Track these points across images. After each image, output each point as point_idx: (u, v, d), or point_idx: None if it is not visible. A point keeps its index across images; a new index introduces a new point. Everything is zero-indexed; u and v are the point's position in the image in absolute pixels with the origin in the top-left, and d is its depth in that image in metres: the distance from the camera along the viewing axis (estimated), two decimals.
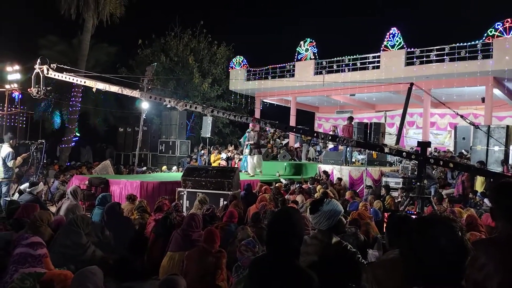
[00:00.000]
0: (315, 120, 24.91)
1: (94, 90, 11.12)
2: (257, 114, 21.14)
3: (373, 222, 5.94)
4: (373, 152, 13.16)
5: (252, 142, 12.57)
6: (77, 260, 3.30)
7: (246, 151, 12.83)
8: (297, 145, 18.43)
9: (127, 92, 10.63)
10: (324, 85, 17.91)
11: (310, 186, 11.06)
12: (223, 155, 16.51)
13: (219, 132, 24.15)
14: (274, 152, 17.28)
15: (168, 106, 10.41)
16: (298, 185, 10.74)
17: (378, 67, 16.97)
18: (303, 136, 15.28)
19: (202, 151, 17.03)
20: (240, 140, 13.43)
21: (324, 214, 2.72)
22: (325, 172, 13.13)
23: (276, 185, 10.48)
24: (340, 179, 12.63)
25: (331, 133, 14.17)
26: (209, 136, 12.09)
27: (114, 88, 10.77)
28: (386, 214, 4.78)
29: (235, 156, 16.44)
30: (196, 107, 9.87)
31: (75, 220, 3.35)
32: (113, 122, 24.03)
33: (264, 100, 22.53)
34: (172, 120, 18.85)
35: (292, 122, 19.70)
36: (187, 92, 22.67)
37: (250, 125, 12.16)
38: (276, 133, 20.36)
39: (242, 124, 22.15)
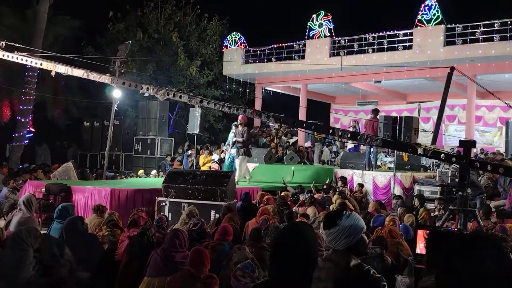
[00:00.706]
0: (330, 113, 24.99)
1: (53, 74, 11.22)
2: (258, 105, 21.19)
3: (403, 241, 5.97)
4: (404, 153, 13.18)
5: (240, 139, 12.27)
6: (9, 283, 3.26)
7: (233, 150, 12.76)
8: (308, 144, 18.51)
9: (94, 77, 10.68)
10: (342, 69, 17.94)
11: (324, 195, 11.15)
12: (215, 157, 16.51)
13: (210, 127, 24.19)
14: (279, 153, 17.45)
15: (146, 94, 10.46)
16: (309, 194, 10.87)
17: (410, 47, 17.02)
18: (315, 133, 15.19)
19: (189, 152, 17.09)
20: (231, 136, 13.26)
21: (342, 230, 2.73)
22: (342, 178, 13.23)
23: (282, 194, 10.65)
24: (361, 186, 12.68)
25: (350, 129, 14.22)
26: (197, 132, 12.16)
27: (78, 72, 10.80)
28: (419, 231, 4.79)
29: None
30: (181, 96, 9.95)
31: (18, 234, 3.32)
32: (77, 114, 24.05)
33: (267, 88, 22.57)
34: (151, 113, 18.90)
35: (302, 115, 19.82)
36: (169, 77, 22.75)
37: (239, 117, 12.14)
38: (282, 129, 20.44)
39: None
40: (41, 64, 11.26)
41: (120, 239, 6.09)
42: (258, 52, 20.94)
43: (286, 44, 20.03)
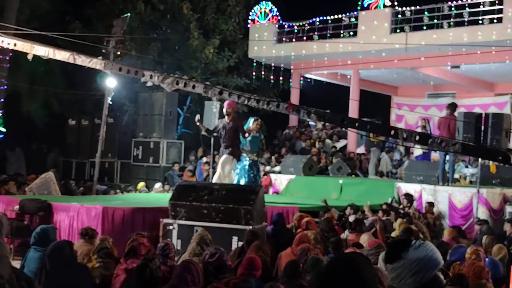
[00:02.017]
0: (391, 108, 24.74)
1: (29, 57, 11.30)
2: (295, 98, 21.17)
3: (490, 283, 5.92)
4: (491, 163, 12.93)
5: (224, 135, 11.94)
6: None
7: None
8: (361, 150, 18.55)
9: (82, 61, 10.77)
10: (407, 50, 17.81)
11: (383, 218, 11.02)
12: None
13: None
14: (323, 161, 17.34)
15: (149, 84, 10.54)
16: (363, 216, 10.85)
17: (499, 20, 16.75)
18: (371, 135, 14.96)
19: (204, 159, 17.06)
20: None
21: (409, 265, 2.74)
22: (407, 195, 13.10)
23: (326, 216, 10.55)
24: (432, 206, 12.56)
25: (418, 130, 14.17)
26: (214, 134, 12.18)
27: (62, 55, 10.91)
28: None
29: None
30: (194, 86, 9.93)
31: None
32: (59, 109, 23.95)
33: (306, 75, 22.58)
34: (155, 108, 18.93)
35: (353, 111, 19.67)
36: (179, 61, 22.79)
37: (225, 103, 11.94)
38: (326, 130, 20.35)
39: (269, 114, 21.90)
40: (14, 45, 11.31)
41: (114, 273, 6.08)
42: (295, 28, 20.86)
43: (332, 18, 19.96)
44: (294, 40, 20.91)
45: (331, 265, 2.40)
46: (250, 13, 22.28)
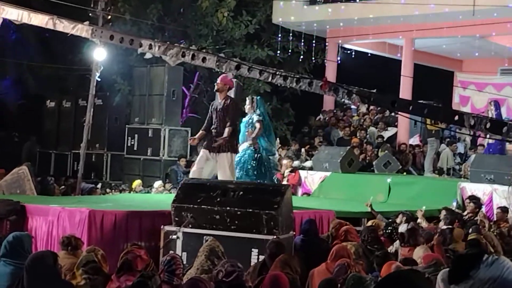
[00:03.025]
0: (454, 87, 24.74)
1: None
2: (331, 74, 21.20)
3: None
4: None
5: (216, 122, 11.77)
6: None
7: (244, 144, 12.38)
8: (414, 141, 18.57)
9: (64, 26, 10.86)
10: (474, 14, 17.59)
11: (443, 227, 10.89)
12: None
13: None
14: (367, 155, 17.43)
15: (148, 56, 10.67)
16: (417, 225, 10.67)
17: None
18: (428, 121, 15.15)
19: None
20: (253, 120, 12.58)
21: (480, 286, 2.73)
22: (473, 198, 13.03)
23: (371, 224, 10.58)
24: (505, 212, 12.37)
25: (489, 115, 14.00)
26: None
27: (39, 19, 10.98)
28: None
29: (285, 161, 16.52)
30: (204, 59, 10.15)
31: None
32: (35, 88, 24.26)
33: (346, 46, 22.62)
34: (154, 87, 18.98)
35: (406, 91, 19.80)
36: (185, 27, 22.84)
37: (219, 79, 11.79)
38: (371, 115, 20.45)
39: (298, 95, 22.11)
40: None
41: None
42: None
43: None
44: (330, 1, 20.89)
45: (382, 285, 2.40)
46: None
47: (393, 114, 19.29)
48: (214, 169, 11.81)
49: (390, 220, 11.19)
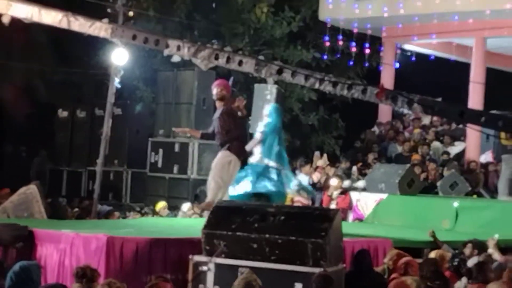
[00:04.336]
0: None
1: (5, 20, 11.65)
2: (388, 80, 21.32)
3: None
4: None
5: (216, 129, 11.97)
6: None
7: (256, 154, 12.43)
8: (486, 158, 18.76)
9: (80, 24, 11.16)
10: None
11: None
12: (303, 178, 16.79)
13: (294, 122, 24.18)
14: (430, 174, 17.54)
15: (175, 59, 10.99)
16: (489, 258, 10.51)
17: None
18: (502, 135, 15.09)
19: None
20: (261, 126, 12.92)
21: None
22: None
23: (433, 255, 10.40)
24: None
25: None
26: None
27: (51, 17, 11.22)
28: None
29: (333, 181, 16.52)
30: (241, 62, 10.36)
31: None
32: (46, 95, 24.51)
33: (405, 47, 23.05)
34: (182, 94, 19.14)
35: (476, 99, 19.74)
36: (218, 25, 23.04)
37: (214, 84, 12.03)
38: (434, 127, 20.71)
39: (349, 104, 21.91)
40: None
41: None
42: None
43: None
44: None
45: None
46: None
47: (461, 126, 19.32)
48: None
49: (457, 251, 11.06)
